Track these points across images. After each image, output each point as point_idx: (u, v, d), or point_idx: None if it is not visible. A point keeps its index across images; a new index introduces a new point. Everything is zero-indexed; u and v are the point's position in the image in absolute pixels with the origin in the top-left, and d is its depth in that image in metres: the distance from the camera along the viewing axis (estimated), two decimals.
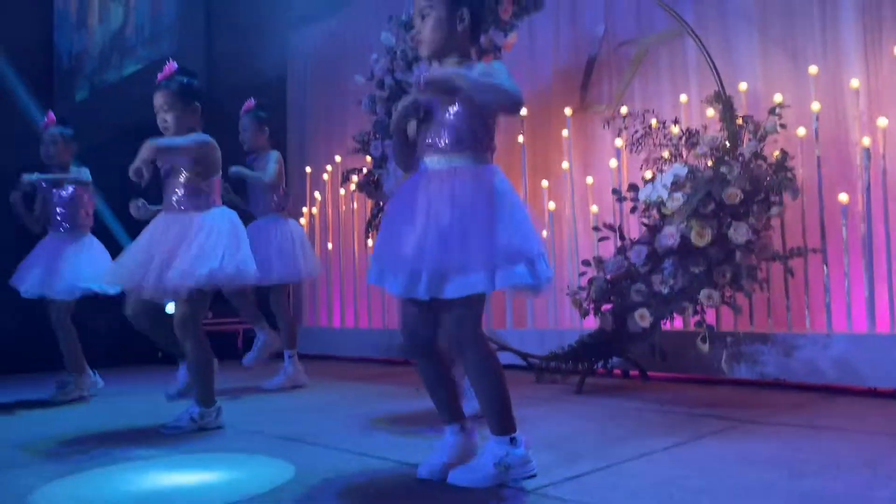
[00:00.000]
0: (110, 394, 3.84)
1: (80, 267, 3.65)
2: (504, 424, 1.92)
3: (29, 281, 3.65)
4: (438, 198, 1.90)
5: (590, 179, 4.22)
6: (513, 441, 1.91)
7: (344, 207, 5.75)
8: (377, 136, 3.92)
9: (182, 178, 2.81)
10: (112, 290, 3.52)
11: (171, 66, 2.89)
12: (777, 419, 2.66)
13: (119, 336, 3.91)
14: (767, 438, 2.37)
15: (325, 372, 4.57)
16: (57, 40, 9.56)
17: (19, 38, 7.84)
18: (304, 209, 5.87)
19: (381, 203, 3.90)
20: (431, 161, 1.98)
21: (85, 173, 3.77)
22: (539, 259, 1.88)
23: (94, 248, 3.77)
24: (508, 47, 3.90)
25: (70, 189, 3.74)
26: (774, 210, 3.22)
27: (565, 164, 4.33)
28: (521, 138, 4.53)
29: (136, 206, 3.01)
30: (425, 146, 2.00)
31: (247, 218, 3.51)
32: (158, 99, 2.84)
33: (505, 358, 2.86)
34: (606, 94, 4.43)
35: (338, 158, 5.61)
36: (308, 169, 6.02)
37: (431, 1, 1.98)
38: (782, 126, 3.26)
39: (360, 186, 4.02)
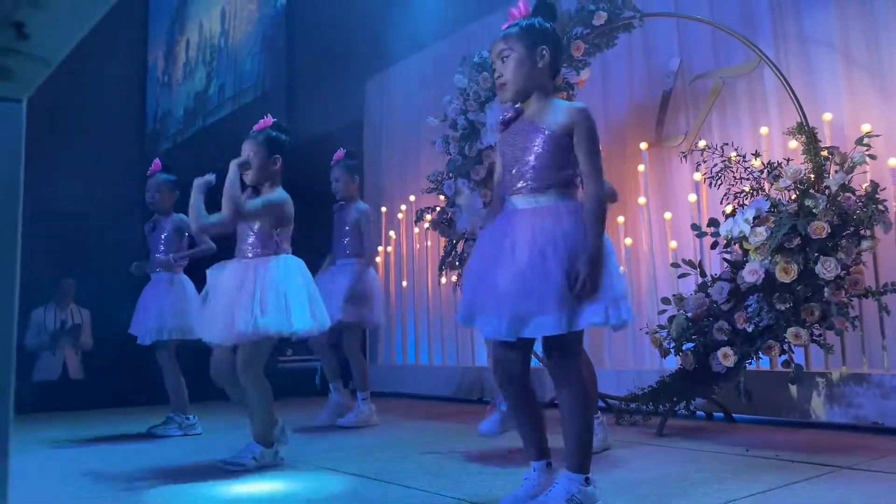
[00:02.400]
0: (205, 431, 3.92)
1: (168, 309, 3.81)
2: (583, 462, 1.90)
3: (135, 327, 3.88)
4: (521, 238, 1.89)
5: (668, 215, 4.13)
6: (587, 481, 1.89)
7: (418, 246, 5.81)
8: (450, 175, 3.97)
9: (255, 227, 2.91)
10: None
11: (268, 120, 3.01)
12: (876, 465, 2.48)
13: (190, 374, 4.03)
14: (866, 486, 2.21)
15: (397, 409, 4.57)
16: (147, 100, 10.06)
17: (117, 95, 8.37)
18: (380, 248, 5.96)
19: (454, 241, 3.93)
20: (516, 201, 1.98)
21: (185, 221, 3.93)
22: (612, 304, 1.84)
23: (183, 288, 3.91)
24: (581, 84, 3.90)
25: (168, 232, 3.94)
26: (865, 244, 3.06)
27: (642, 200, 4.25)
28: None
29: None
30: (508, 186, 2.00)
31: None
32: (246, 147, 2.96)
33: None
34: (683, 128, 4.36)
35: (412, 198, 5.69)
36: (383, 209, 6.13)
37: (509, 42, 1.99)
38: (871, 157, 3.12)
39: (433, 225, 4.07)
